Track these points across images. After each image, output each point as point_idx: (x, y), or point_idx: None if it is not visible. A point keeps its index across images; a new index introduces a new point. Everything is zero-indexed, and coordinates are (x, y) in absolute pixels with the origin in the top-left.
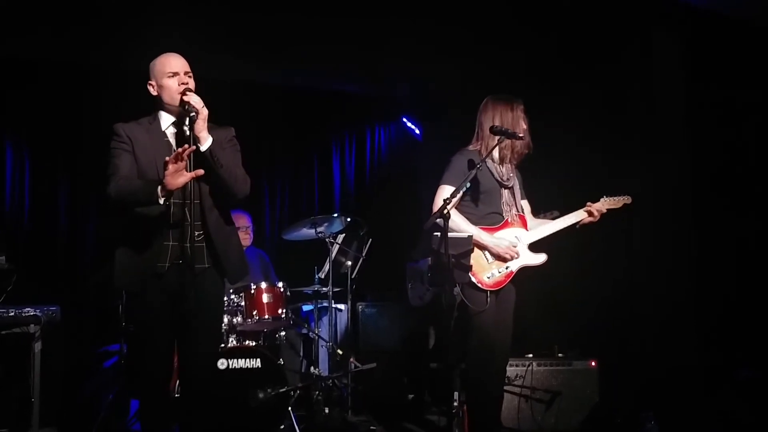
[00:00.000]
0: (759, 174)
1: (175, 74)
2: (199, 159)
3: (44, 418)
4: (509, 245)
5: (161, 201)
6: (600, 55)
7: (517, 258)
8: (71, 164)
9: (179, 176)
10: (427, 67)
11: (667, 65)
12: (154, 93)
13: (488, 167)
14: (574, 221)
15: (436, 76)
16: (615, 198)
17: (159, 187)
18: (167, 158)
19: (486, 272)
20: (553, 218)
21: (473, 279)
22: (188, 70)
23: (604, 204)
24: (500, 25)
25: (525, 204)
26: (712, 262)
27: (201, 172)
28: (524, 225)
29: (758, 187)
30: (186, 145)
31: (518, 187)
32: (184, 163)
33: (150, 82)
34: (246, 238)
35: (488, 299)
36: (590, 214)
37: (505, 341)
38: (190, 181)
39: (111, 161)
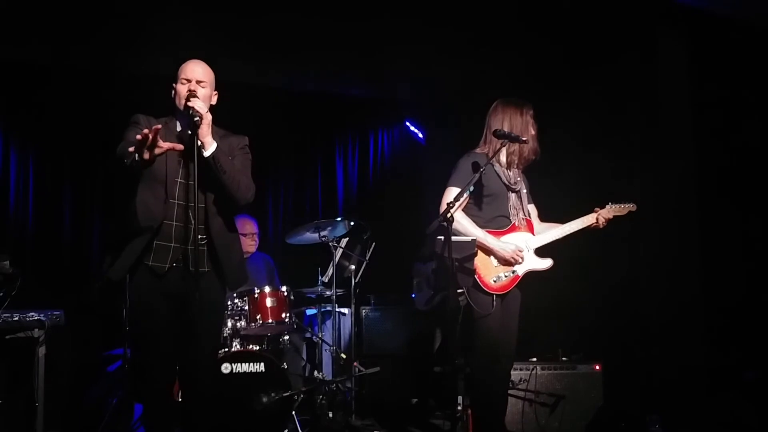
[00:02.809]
0: (764, 175)
1: (188, 80)
2: (202, 164)
3: (48, 422)
4: (515, 249)
5: (129, 159)
6: (604, 58)
7: (522, 263)
8: (77, 168)
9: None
10: (430, 70)
11: (672, 67)
12: (172, 95)
13: (495, 171)
14: (581, 226)
15: (439, 80)
16: (620, 205)
17: (133, 148)
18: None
19: (492, 275)
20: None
21: (479, 282)
22: (202, 79)
23: (609, 211)
24: (504, 29)
25: (532, 208)
26: (717, 263)
27: (181, 147)
28: (531, 229)
29: (764, 189)
30: (155, 127)
31: (525, 191)
32: (150, 141)
33: (173, 84)
34: (252, 245)
35: (494, 302)
36: (596, 220)
37: (510, 345)
38: (195, 186)
39: (126, 135)
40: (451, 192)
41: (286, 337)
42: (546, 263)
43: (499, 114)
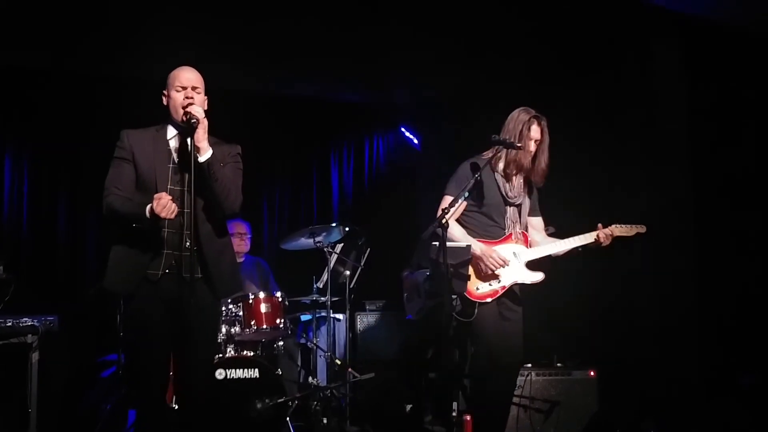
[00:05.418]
0: (761, 182)
1: (184, 88)
2: (196, 169)
3: (42, 428)
4: (497, 257)
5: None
6: (600, 65)
7: (501, 268)
8: (72, 173)
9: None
10: (426, 76)
11: (668, 74)
12: (165, 103)
13: (496, 181)
14: (581, 243)
15: (435, 85)
16: (627, 225)
17: (147, 210)
18: (163, 193)
19: (476, 283)
20: (549, 234)
21: None
22: (197, 85)
23: (614, 230)
24: (500, 35)
25: (538, 221)
26: (713, 269)
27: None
28: (526, 242)
29: (761, 196)
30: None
31: (526, 205)
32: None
33: (164, 91)
34: (242, 245)
35: (476, 310)
36: (598, 237)
37: (510, 353)
38: (187, 191)
39: (111, 171)
40: (448, 198)
41: (281, 343)
42: (536, 277)
43: (506, 122)
